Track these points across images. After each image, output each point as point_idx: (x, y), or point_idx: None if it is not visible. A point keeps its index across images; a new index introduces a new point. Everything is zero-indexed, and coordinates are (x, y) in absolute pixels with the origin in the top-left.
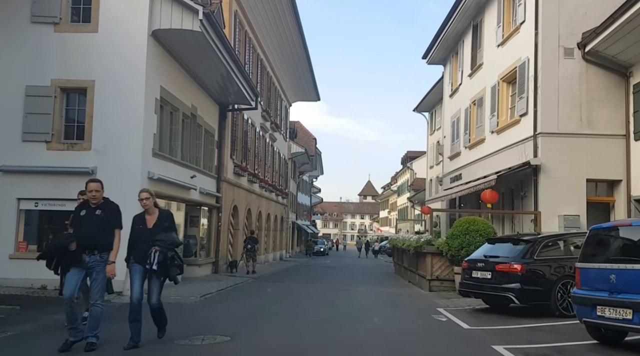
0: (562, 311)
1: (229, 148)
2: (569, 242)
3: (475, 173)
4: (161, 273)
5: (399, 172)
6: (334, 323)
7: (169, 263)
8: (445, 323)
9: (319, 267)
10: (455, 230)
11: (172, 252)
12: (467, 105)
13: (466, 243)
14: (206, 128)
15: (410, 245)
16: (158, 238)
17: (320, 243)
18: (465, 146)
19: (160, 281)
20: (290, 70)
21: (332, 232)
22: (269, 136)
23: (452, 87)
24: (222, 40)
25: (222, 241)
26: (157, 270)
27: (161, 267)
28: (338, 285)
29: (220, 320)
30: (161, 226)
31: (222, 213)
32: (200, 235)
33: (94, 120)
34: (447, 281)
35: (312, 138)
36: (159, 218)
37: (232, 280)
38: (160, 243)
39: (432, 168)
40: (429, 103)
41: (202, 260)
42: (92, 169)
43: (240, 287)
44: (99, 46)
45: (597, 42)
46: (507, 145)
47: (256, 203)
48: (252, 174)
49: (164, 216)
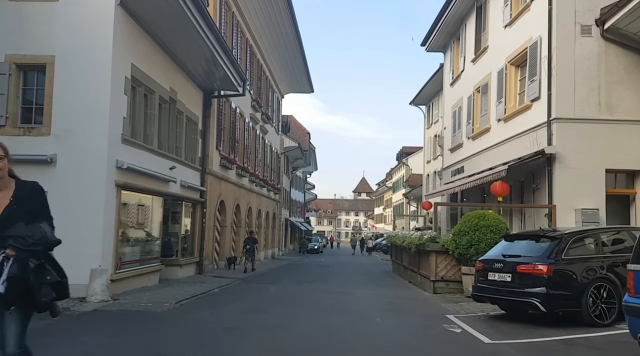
0: (595, 320)
1: (214, 138)
2: (601, 238)
3: (479, 165)
4: (14, 298)
5: (394, 168)
6: (330, 339)
7: (33, 281)
8: (461, 335)
9: (312, 265)
10: (463, 226)
11: (38, 260)
12: (470, 93)
13: (476, 241)
14: (188, 115)
15: (412, 242)
16: (10, 234)
17: (315, 240)
18: (467, 137)
19: (18, 315)
20: (282, 59)
21: (327, 229)
22: (259, 128)
23: (453, 74)
24: (203, 15)
25: (207, 239)
26: (6, 292)
27: (14, 286)
28: (333, 287)
29: (189, 337)
30: (18, 211)
31: (207, 209)
32: (182, 233)
33: (54, 101)
34: (453, 283)
35: (306, 133)
36: (16, 197)
37: (217, 282)
38: (14, 243)
39: (430, 163)
40: (426, 96)
41: (184, 260)
42: (52, 157)
43: (224, 290)
44: (60, 17)
45: (617, 18)
46: (516, 134)
47: (246, 199)
48: (241, 167)
49: (26, 192)
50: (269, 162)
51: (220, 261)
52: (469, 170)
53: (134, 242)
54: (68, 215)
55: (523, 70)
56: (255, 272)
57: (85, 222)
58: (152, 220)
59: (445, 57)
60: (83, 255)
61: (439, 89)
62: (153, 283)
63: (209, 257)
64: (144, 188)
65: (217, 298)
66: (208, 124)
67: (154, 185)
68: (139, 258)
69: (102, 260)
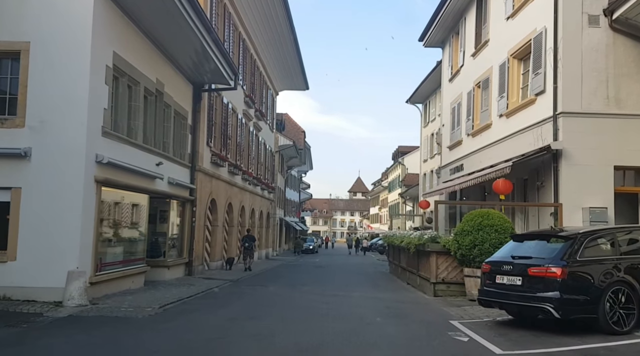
0: (613, 327)
1: (205, 134)
2: (617, 238)
3: (479, 162)
4: None
5: (390, 168)
6: (325, 352)
7: None
8: (469, 345)
9: (307, 266)
10: (466, 226)
11: None
12: (470, 88)
13: (479, 241)
14: (177, 109)
15: (411, 242)
16: None
17: (310, 240)
18: (467, 133)
19: None
20: (276, 54)
21: (322, 229)
22: (253, 125)
23: (452, 70)
24: (192, 3)
25: (197, 239)
26: None
27: None
28: (328, 290)
29: (168, 349)
30: None
31: (197, 208)
32: (171, 233)
33: (29, 91)
34: (455, 285)
35: (301, 131)
36: None
37: (206, 284)
38: None
39: (426, 162)
40: (422, 94)
41: (173, 261)
42: (26, 150)
43: (212, 294)
44: (36, 0)
45: (626, 8)
46: (520, 129)
47: (238, 197)
48: (233, 165)
49: None
50: (262, 160)
51: (211, 261)
52: (468, 168)
53: (117, 242)
54: (43, 213)
55: (526, 63)
56: (248, 273)
57: (62, 220)
58: (137, 218)
59: (444, 53)
60: (59, 256)
61: (436, 86)
62: (138, 286)
63: (199, 257)
64: (127, 184)
65: (203, 302)
66: (198, 119)
67: (139, 182)
68: (122, 259)
69: (80, 262)
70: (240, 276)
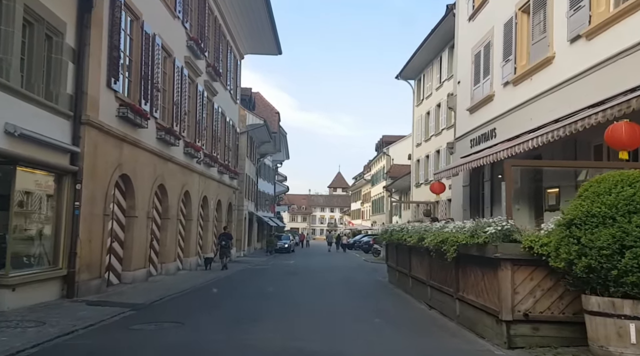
0: None
1: (103, 68)
2: None
3: (529, 121)
4: None
5: (373, 160)
6: None
7: None
8: None
9: (276, 272)
10: (598, 205)
11: None
12: (509, 16)
13: (632, 239)
14: (39, 12)
15: (447, 240)
16: None
17: (285, 238)
18: (504, 83)
19: None
20: (241, 5)
21: (301, 225)
22: (203, 84)
23: (474, 3)
24: None
25: (87, 237)
26: None
27: None
28: (299, 335)
29: None
30: None
31: (89, 185)
32: (24, 225)
33: None
34: (552, 325)
35: (275, 113)
36: None
37: (67, 322)
38: None
39: (420, 146)
40: (415, 67)
41: (26, 276)
42: None
43: (82, 338)
44: None
45: None
46: (620, 52)
47: (179, 179)
48: (165, 128)
49: None
50: (221, 135)
51: (124, 271)
52: (505, 132)
53: None
54: None
55: None
56: (174, 290)
57: None
58: None
59: None
60: None
61: (432, 56)
62: None
63: (93, 267)
64: None
65: None
66: (87, 41)
67: None
68: None
69: None
70: (159, 296)
